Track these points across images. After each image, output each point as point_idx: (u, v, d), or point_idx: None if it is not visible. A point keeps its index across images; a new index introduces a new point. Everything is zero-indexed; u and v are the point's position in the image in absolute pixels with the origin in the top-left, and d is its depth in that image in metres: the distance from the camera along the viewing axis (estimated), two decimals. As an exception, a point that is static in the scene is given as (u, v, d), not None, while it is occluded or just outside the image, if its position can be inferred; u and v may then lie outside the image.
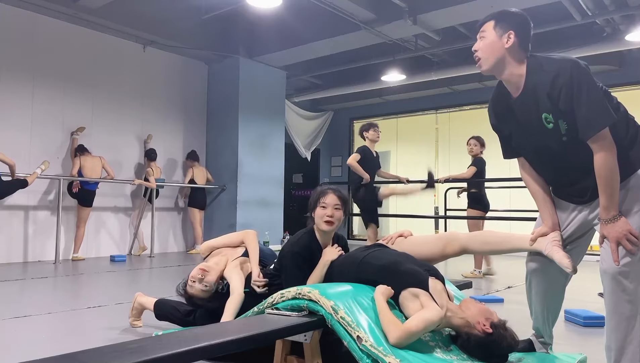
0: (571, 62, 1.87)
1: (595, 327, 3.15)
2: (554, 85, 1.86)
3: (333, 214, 2.37)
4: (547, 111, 1.91)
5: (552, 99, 1.88)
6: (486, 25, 2.02)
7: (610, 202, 1.84)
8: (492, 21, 2.01)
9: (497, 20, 2.00)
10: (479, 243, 2.37)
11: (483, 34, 2.02)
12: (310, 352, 2.00)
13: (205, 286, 2.60)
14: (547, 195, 2.14)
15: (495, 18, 2.01)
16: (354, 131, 11.33)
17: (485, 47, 2.01)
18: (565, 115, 1.88)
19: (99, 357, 1.45)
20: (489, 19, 2.03)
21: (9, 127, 6.13)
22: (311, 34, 7.25)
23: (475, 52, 2.05)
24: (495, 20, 2.00)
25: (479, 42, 2.04)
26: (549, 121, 1.92)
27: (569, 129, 1.89)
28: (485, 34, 2.01)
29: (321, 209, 2.38)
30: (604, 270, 1.85)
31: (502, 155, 2.24)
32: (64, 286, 4.64)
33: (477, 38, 2.06)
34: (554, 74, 1.87)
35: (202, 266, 2.66)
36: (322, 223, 2.38)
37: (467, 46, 7.22)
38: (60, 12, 6.36)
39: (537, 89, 1.92)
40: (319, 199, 2.40)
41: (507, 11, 2.03)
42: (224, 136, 8.15)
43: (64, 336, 2.84)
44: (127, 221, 7.40)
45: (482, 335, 1.97)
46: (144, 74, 7.59)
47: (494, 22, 2.00)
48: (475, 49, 2.05)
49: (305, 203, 2.68)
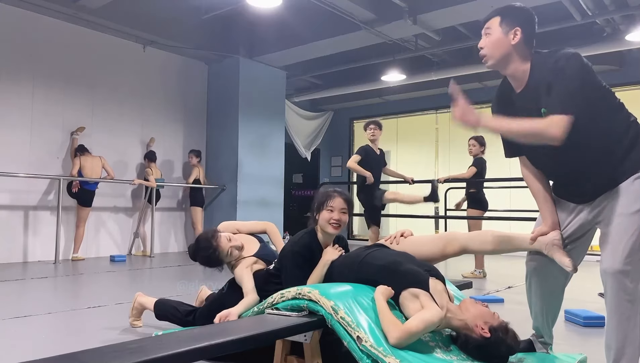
0: (568, 53, 1.88)
1: (595, 327, 3.15)
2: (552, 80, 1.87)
3: (340, 218, 2.38)
4: (545, 105, 1.91)
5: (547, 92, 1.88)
6: (492, 22, 2.00)
7: None
8: (498, 17, 1.98)
9: (503, 16, 1.98)
10: (479, 243, 2.37)
11: (488, 30, 2.00)
12: (310, 352, 2.00)
13: (236, 246, 2.65)
14: (548, 194, 2.13)
15: (501, 14, 1.98)
16: (354, 131, 11.33)
17: (491, 43, 1.99)
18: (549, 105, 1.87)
19: (99, 357, 1.45)
20: (494, 14, 2.01)
21: (9, 127, 6.13)
22: (311, 34, 7.25)
23: (480, 48, 2.03)
24: (501, 17, 1.98)
25: (485, 38, 2.01)
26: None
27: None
28: (491, 31, 1.99)
29: (328, 213, 2.38)
30: (605, 269, 1.85)
31: (504, 153, 2.23)
32: (64, 286, 4.64)
33: (482, 34, 2.03)
34: (554, 69, 1.87)
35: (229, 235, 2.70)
36: (329, 226, 2.38)
37: (467, 46, 7.23)
38: (60, 12, 6.36)
39: (539, 85, 1.92)
40: (326, 201, 2.39)
41: (513, 7, 2.01)
42: (224, 136, 8.15)
43: (64, 336, 2.85)
44: (127, 221, 7.39)
45: (479, 339, 1.96)
46: (144, 74, 7.59)
47: (500, 18, 1.98)
48: (481, 45, 2.03)
49: (305, 203, 2.69)
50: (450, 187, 7.28)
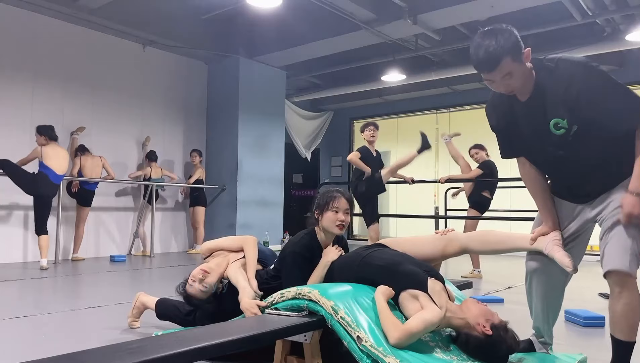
0: (581, 65, 1.86)
1: (595, 327, 3.15)
2: (569, 91, 1.85)
3: (345, 219, 2.40)
4: (560, 116, 1.90)
5: (567, 105, 1.86)
6: (505, 66, 1.85)
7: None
8: (508, 57, 1.84)
9: (511, 53, 1.85)
10: (479, 243, 2.37)
11: (508, 75, 1.87)
12: (310, 352, 2.00)
13: (205, 287, 2.60)
14: (547, 195, 2.14)
15: (509, 52, 1.84)
16: (354, 131, 11.33)
17: (519, 80, 1.90)
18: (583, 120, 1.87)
19: (99, 357, 1.45)
20: (499, 59, 1.84)
21: (9, 127, 6.13)
22: (311, 34, 7.25)
23: (510, 91, 1.94)
24: (510, 56, 1.85)
25: (510, 81, 1.89)
26: (561, 126, 1.91)
27: (577, 132, 1.89)
28: (512, 72, 1.87)
29: (333, 214, 2.39)
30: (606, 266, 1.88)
31: (500, 155, 2.23)
32: (64, 286, 4.64)
33: (497, 80, 1.90)
34: (567, 80, 1.86)
35: (203, 266, 2.65)
36: (334, 227, 2.39)
37: (467, 46, 7.22)
38: (60, 12, 6.36)
39: (547, 95, 1.91)
40: (330, 203, 2.40)
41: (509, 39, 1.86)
42: (224, 136, 8.15)
43: (64, 336, 2.84)
44: (127, 221, 7.39)
45: (481, 337, 1.96)
46: (143, 74, 7.59)
47: (510, 57, 1.85)
48: (509, 90, 1.93)
49: (305, 203, 2.69)
50: (450, 187, 7.28)
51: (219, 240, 2.94)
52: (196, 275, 2.62)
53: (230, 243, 2.88)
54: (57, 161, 5.61)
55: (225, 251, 2.83)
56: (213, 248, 2.86)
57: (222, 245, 2.87)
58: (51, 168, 5.55)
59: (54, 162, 5.57)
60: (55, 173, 5.59)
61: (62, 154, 5.74)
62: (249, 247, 2.75)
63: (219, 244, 2.88)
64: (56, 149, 5.67)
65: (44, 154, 5.55)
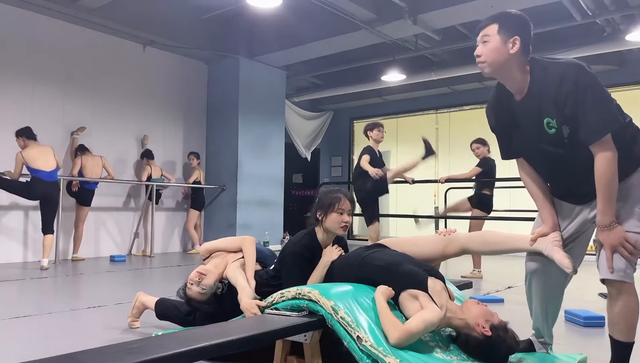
0: (576, 67, 1.86)
1: (595, 327, 3.15)
2: (559, 91, 1.85)
3: (349, 220, 2.43)
4: (550, 116, 1.91)
5: (557, 105, 1.87)
6: (489, 29, 1.94)
7: (607, 207, 1.86)
8: (496, 25, 1.93)
9: (501, 24, 1.92)
10: (479, 243, 2.37)
11: (486, 38, 1.95)
12: (310, 352, 2.00)
13: (203, 289, 2.60)
14: (546, 195, 2.14)
15: (499, 22, 1.93)
16: (354, 131, 11.33)
17: (489, 51, 1.94)
18: (569, 121, 1.87)
19: (99, 357, 1.46)
20: (491, 21, 1.95)
21: (9, 127, 6.12)
22: (311, 34, 7.25)
23: (478, 56, 1.98)
24: (499, 24, 1.92)
25: (482, 46, 1.96)
26: (552, 126, 1.92)
27: (571, 133, 1.89)
28: (489, 38, 1.94)
29: (338, 216, 2.40)
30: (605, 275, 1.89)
31: (500, 155, 2.24)
32: (64, 286, 4.64)
33: (478, 41, 1.99)
34: (559, 79, 1.86)
35: (200, 269, 2.66)
36: (339, 228, 2.41)
37: (467, 46, 7.23)
38: (60, 12, 6.36)
39: (542, 94, 1.92)
40: (336, 204, 2.40)
41: (510, 14, 1.96)
42: (224, 136, 8.15)
43: (64, 336, 2.84)
44: (127, 221, 7.39)
45: (480, 337, 1.97)
46: (143, 74, 7.59)
47: (498, 26, 1.92)
48: (478, 53, 1.98)
49: (305, 203, 2.69)
50: (450, 187, 7.28)
51: (217, 240, 2.94)
52: (193, 278, 2.63)
53: (228, 243, 2.89)
54: (43, 161, 5.56)
55: (223, 251, 2.84)
56: (212, 249, 2.87)
57: (221, 246, 2.87)
58: (39, 168, 5.51)
59: (40, 162, 5.53)
60: (46, 172, 5.56)
61: (45, 150, 5.67)
62: (247, 247, 2.76)
63: (217, 245, 2.89)
64: (38, 148, 5.61)
65: (28, 158, 5.49)
